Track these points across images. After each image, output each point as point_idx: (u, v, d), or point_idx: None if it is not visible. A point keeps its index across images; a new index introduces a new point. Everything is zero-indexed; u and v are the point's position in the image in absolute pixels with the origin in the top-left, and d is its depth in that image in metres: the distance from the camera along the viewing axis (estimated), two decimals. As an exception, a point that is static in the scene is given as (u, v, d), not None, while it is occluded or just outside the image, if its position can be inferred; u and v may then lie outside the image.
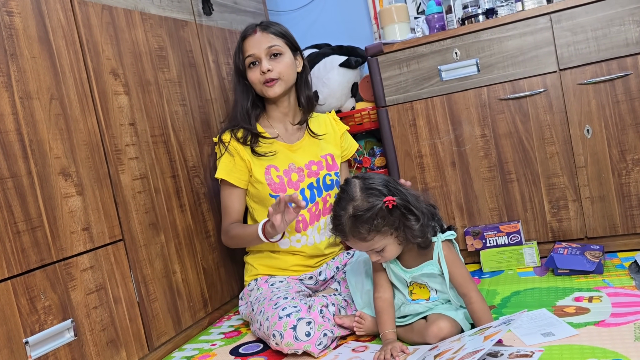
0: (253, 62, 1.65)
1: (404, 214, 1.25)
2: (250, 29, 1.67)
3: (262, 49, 1.63)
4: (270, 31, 1.66)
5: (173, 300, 1.62)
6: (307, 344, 1.35)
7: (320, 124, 1.80)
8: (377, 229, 1.25)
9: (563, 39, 1.71)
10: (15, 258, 1.18)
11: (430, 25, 2.06)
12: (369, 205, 1.24)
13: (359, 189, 1.28)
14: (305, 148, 1.74)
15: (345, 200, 1.28)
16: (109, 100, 1.48)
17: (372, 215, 1.24)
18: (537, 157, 1.79)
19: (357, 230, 1.25)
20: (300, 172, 1.69)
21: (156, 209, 1.59)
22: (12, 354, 1.14)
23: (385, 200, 1.23)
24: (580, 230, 1.78)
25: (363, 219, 1.24)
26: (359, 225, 1.25)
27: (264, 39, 1.64)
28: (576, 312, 1.35)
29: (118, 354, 1.40)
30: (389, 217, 1.25)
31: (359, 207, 1.25)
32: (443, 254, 1.31)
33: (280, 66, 1.64)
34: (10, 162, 1.19)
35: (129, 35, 1.59)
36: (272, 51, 1.64)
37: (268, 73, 1.62)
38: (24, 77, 1.25)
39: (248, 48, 1.65)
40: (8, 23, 1.23)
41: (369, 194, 1.26)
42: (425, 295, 1.37)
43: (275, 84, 1.64)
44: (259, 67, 1.64)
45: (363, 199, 1.26)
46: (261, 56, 1.64)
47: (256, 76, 1.65)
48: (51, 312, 1.24)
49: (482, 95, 1.83)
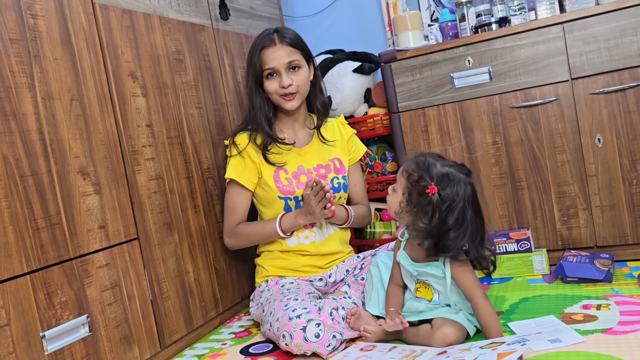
0: (272, 73, 1.67)
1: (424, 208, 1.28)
2: (269, 40, 1.67)
3: (283, 63, 1.66)
4: (288, 42, 1.67)
5: (185, 299, 1.65)
6: (316, 345, 1.37)
7: (328, 129, 1.83)
8: (409, 180, 1.33)
9: (575, 48, 1.72)
10: (35, 254, 1.21)
11: (444, 33, 2.08)
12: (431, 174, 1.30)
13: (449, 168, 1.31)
14: (314, 152, 1.77)
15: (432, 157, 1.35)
16: (127, 102, 1.52)
17: (419, 176, 1.30)
18: (548, 165, 1.80)
19: (407, 164, 1.37)
20: (309, 173, 1.72)
21: (170, 209, 1.63)
22: (29, 347, 1.17)
23: (432, 185, 1.28)
24: (590, 238, 1.78)
25: (417, 165, 1.33)
26: (411, 164, 1.35)
27: (284, 53, 1.66)
28: (584, 319, 1.36)
29: (131, 350, 1.43)
30: (415, 190, 1.30)
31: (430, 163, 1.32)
32: (449, 266, 1.33)
33: (298, 79, 1.67)
34: (32, 160, 1.23)
35: (148, 39, 1.62)
36: (291, 65, 1.67)
37: (288, 87, 1.66)
38: (46, 78, 1.29)
39: (268, 60, 1.66)
40: (32, 25, 1.27)
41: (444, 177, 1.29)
42: (428, 296, 1.39)
43: (294, 97, 1.68)
44: (278, 80, 1.67)
45: (440, 170, 1.30)
46: (281, 70, 1.66)
47: (274, 87, 1.67)
48: (67, 307, 1.27)
49: (494, 103, 1.85)
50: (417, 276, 1.40)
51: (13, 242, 1.16)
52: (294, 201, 1.69)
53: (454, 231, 1.27)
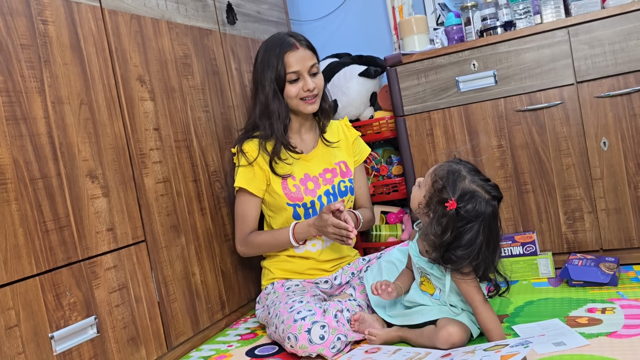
0: (296, 78, 1.67)
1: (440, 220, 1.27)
2: (290, 44, 1.66)
3: (306, 67, 1.67)
4: (307, 46, 1.70)
5: (192, 301, 1.66)
6: (321, 347, 1.38)
7: (333, 131, 1.84)
8: (434, 186, 1.31)
9: (580, 52, 1.73)
10: (44, 256, 1.23)
11: (449, 37, 2.08)
12: (455, 188, 1.27)
13: (477, 185, 1.27)
14: (319, 157, 1.78)
15: (466, 168, 1.30)
16: (135, 106, 1.54)
17: (442, 185, 1.28)
18: (553, 168, 1.81)
19: (436, 168, 1.34)
20: (316, 180, 1.73)
21: (177, 212, 1.64)
22: (38, 348, 1.19)
23: (452, 200, 1.25)
24: (595, 242, 1.78)
25: (441, 173, 1.31)
26: (439, 170, 1.32)
27: (307, 56, 1.68)
28: (589, 322, 1.36)
29: (138, 351, 1.45)
30: (435, 201, 1.29)
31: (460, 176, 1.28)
32: (449, 276, 1.34)
33: (319, 83, 1.71)
34: (42, 163, 1.25)
35: (156, 44, 1.64)
36: (313, 70, 1.69)
37: (313, 91, 1.68)
38: (56, 83, 1.31)
39: (292, 63, 1.66)
40: (43, 31, 1.29)
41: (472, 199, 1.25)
42: (430, 290, 1.41)
43: (315, 100, 1.70)
44: (301, 83, 1.67)
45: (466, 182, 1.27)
46: (304, 73, 1.67)
47: (296, 91, 1.67)
48: (76, 308, 1.29)
49: (499, 107, 1.85)
50: (420, 269, 1.42)
51: (23, 244, 1.18)
52: (303, 208, 1.70)
53: (462, 250, 1.26)
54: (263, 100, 1.69)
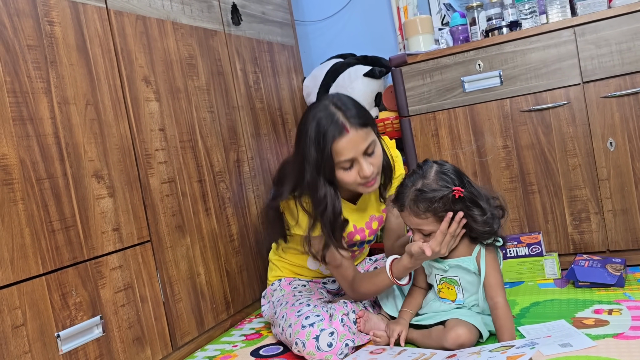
0: (349, 166, 1.40)
1: (468, 206, 1.29)
2: (340, 129, 1.35)
3: (360, 151, 1.38)
4: (359, 123, 1.37)
5: (197, 301, 1.66)
6: (329, 354, 1.38)
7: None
8: (435, 212, 1.29)
9: (587, 52, 1.72)
10: (50, 255, 1.23)
11: (454, 37, 2.08)
12: (438, 187, 1.29)
13: (434, 171, 1.32)
14: (366, 203, 1.60)
15: (417, 176, 1.33)
16: (140, 107, 1.54)
17: (436, 198, 1.28)
18: (559, 169, 1.80)
19: (415, 205, 1.30)
20: (362, 232, 1.60)
21: (183, 212, 1.65)
22: (45, 347, 1.20)
23: (454, 189, 1.27)
24: (602, 243, 1.77)
25: (426, 196, 1.29)
26: (419, 200, 1.29)
27: (359, 137, 1.37)
28: (595, 324, 1.35)
29: (143, 351, 1.45)
30: (451, 205, 1.28)
31: (427, 185, 1.30)
32: (485, 254, 1.33)
33: (377, 160, 1.42)
34: (48, 163, 1.26)
35: (161, 44, 1.65)
36: (369, 150, 1.40)
37: (372, 175, 1.41)
38: (62, 84, 1.32)
39: (342, 151, 1.37)
40: (49, 32, 1.30)
41: (441, 177, 1.30)
42: (452, 297, 1.39)
43: (375, 181, 1.44)
44: (356, 169, 1.40)
45: (435, 180, 1.30)
46: (359, 158, 1.39)
47: (352, 178, 1.41)
48: (81, 308, 1.30)
49: (505, 107, 1.85)
50: (446, 273, 1.39)
51: (29, 244, 1.19)
52: None
53: (487, 202, 1.31)
54: (310, 181, 1.42)
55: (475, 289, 1.37)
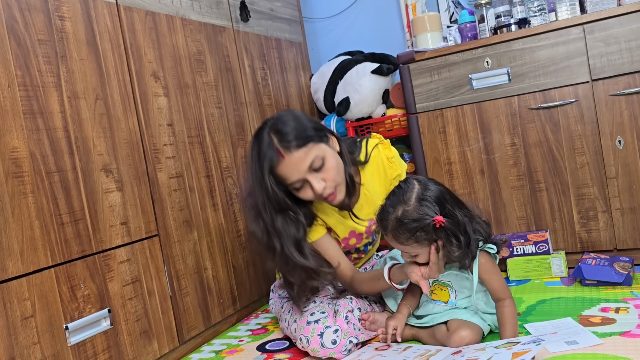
0: (301, 185, 1.39)
1: (448, 235, 1.25)
2: (275, 155, 1.34)
3: (302, 171, 1.36)
4: (295, 145, 1.34)
5: (203, 295, 1.67)
6: (333, 352, 1.38)
7: (372, 169, 1.58)
8: (417, 240, 1.26)
9: (596, 49, 1.71)
10: (59, 248, 1.25)
11: (463, 34, 2.08)
12: (418, 216, 1.24)
13: (414, 196, 1.26)
14: (364, 211, 1.58)
15: (397, 200, 1.28)
16: (149, 102, 1.55)
17: (417, 227, 1.24)
18: (567, 167, 1.79)
19: (397, 234, 1.27)
20: (359, 236, 1.61)
21: (190, 207, 1.66)
22: (53, 339, 1.21)
23: (435, 219, 1.23)
24: (609, 241, 1.77)
25: (407, 227, 1.24)
26: (400, 230, 1.26)
27: (298, 159, 1.34)
28: (602, 322, 1.35)
29: (150, 344, 1.46)
30: (432, 233, 1.25)
31: (407, 214, 1.25)
32: (479, 261, 1.32)
33: (329, 174, 1.38)
34: (57, 157, 1.27)
35: (170, 40, 1.66)
36: (315, 165, 1.36)
37: (325, 190, 1.38)
38: (72, 78, 1.33)
39: (286, 176, 1.36)
40: (60, 27, 1.31)
41: (422, 204, 1.25)
42: (444, 298, 1.39)
43: (335, 194, 1.41)
44: (308, 187, 1.39)
45: (415, 207, 1.25)
46: (306, 177, 1.37)
47: (310, 195, 1.40)
48: (90, 300, 1.31)
49: (513, 104, 1.84)
50: (438, 277, 1.38)
51: (39, 236, 1.20)
52: None
53: (468, 227, 1.28)
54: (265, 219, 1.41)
55: (469, 291, 1.37)
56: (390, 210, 1.28)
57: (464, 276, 1.36)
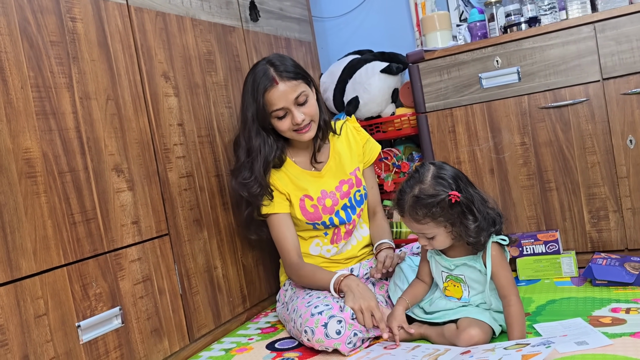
0: (282, 115, 1.59)
1: (464, 212, 1.29)
2: (269, 81, 1.56)
3: (290, 100, 1.56)
4: (289, 76, 1.56)
5: (214, 294, 1.69)
6: (337, 342, 1.39)
7: (342, 138, 1.78)
8: (433, 216, 1.30)
9: (607, 48, 1.70)
10: (71, 247, 1.26)
11: (472, 33, 2.07)
12: (434, 192, 1.30)
13: (430, 175, 1.33)
14: (333, 170, 1.73)
15: (414, 180, 1.34)
16: (159, 102, 1.57)
17: (433, 203, 1.29)
18: (578, 166, 1.78)
19: (414, 211, 1.32)
20: (333, 196, 1.70)
21: (200, 206, 1.67)
22: (66, 336, 1.22)
23: (450, 194, 1.28)
24: (620, 241, 1.76)
25: (423, 202, 1.29)
26: (417, 207, 1.30)
27: (288, 88, 1.56)
28: (612, 322, 1.34)
29: (161, 342, 1.48)
30: (448, 210, 1.29)
31: (424, 191, 1.31)
32: (491, 253, 1.33)
33: (310, 110, 1.60)
34: (70, 157, 1.28)
35: (180, 40, 1.67)
36: (300, 99, 1.58)
37: (303, 122, 1.59)
38: (83, 79, 1.34)
39: (274, 101, 1.56)
40: (71, 28, 1.32)
41: (438, 182, 1.31)
42: (457, 294, 1.39)
43: (309, 128, 1.61)
44: (289, 118, 1.59)
45: (431, 184, 1.31)
46: (290, 107, 1.57)
47: (287, 126, 1.60)
48: (101, 299, 1.32)
49: (523, 104, 1.83)
50: (452, 271, 1.39)
51: (51, 236, 1.22)
52: (322, 225, 1.69)
53: (482, 205, 1.32)
54: (246, 138, 1.63)
55: (481, 287, 1.37)
56: (407, 190, 1.34)
57: (477, 269, 1.36)
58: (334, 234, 1.72)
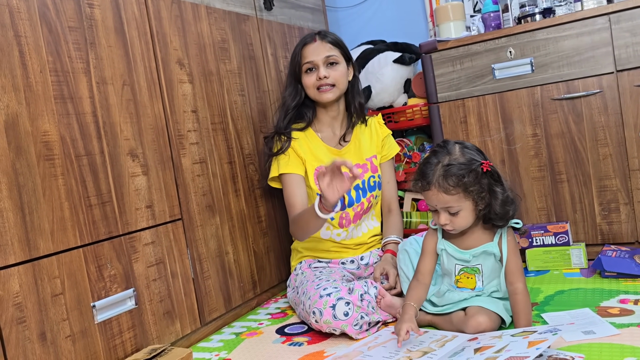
0: (310, 68, 1.74)
1: (493, 182, 1.29)
2: (310, 37, 1.77)
3: (321, 57, 1.73)
4: (328, 40, 1.76)
5: (225, 279, 1.71)
6: (345, 324, 1.41)
7: (365, 129, 1.87)
8: (465, 186, 1.27)
9: (622, 39, 1.69)
10: (87, 229, 1.29)
11: (486, 24, 2.06)
12: (466, 160, 1.29)
13: (458, 148, 1.33)
14: (352, 152, 1.82)
15: (442, 154, 1.32)
16: (174, 88, 1.59)
17: (466, 171, 1.27)
18: (589, 158, 1.78)
19: (445, 181, 1.27)
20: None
21: (213, 192, 1.69)
22: (81, 316, 1.26)
23: (483, 162, 1.28)
24: (631, 234, 1.75)
25: (455, 170, 1.27)
26: (449, 176, 1.27)
27: (323, 48, 1.74)
28: (620, 313, 1.35)
29: (173, 324, 1.51)
30: (479, 179, 1.28)
31: (456, 159, 1.29)
32: (506, 238, 1.34)
33: (336, 74, 1.74)
34: (86, 141, 1.31)
35: (195, 28, 1.69)
36: (329, 60, 1.74)
37: (324, 79, 1.72)
38: (100, 64, 1.36)
39: (307, 55, 1.75)
40: (89, 14, 1.34)
41: (467, 152, 1.31)
42: (471, 285, 1.39)
43: (329, 90, 1.74)
44: (316, 73, 1.74)
45: (461, 154, 1.31)
46: (319, 63, 1.73)
47: (312, 81, 1.74)
48: (116, 280, 1.35)
49: (535, 95, 1.83)
50: (469, 263, 1.38)
51: (68, 217, 1.25)
52: None
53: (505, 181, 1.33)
54: (284, 90, 1.83)
55: (496, 274, 1.38)
56: (434, 162, 1.31)
57: (493, 257, 1.36)
58: (341, 218, 1.74)
